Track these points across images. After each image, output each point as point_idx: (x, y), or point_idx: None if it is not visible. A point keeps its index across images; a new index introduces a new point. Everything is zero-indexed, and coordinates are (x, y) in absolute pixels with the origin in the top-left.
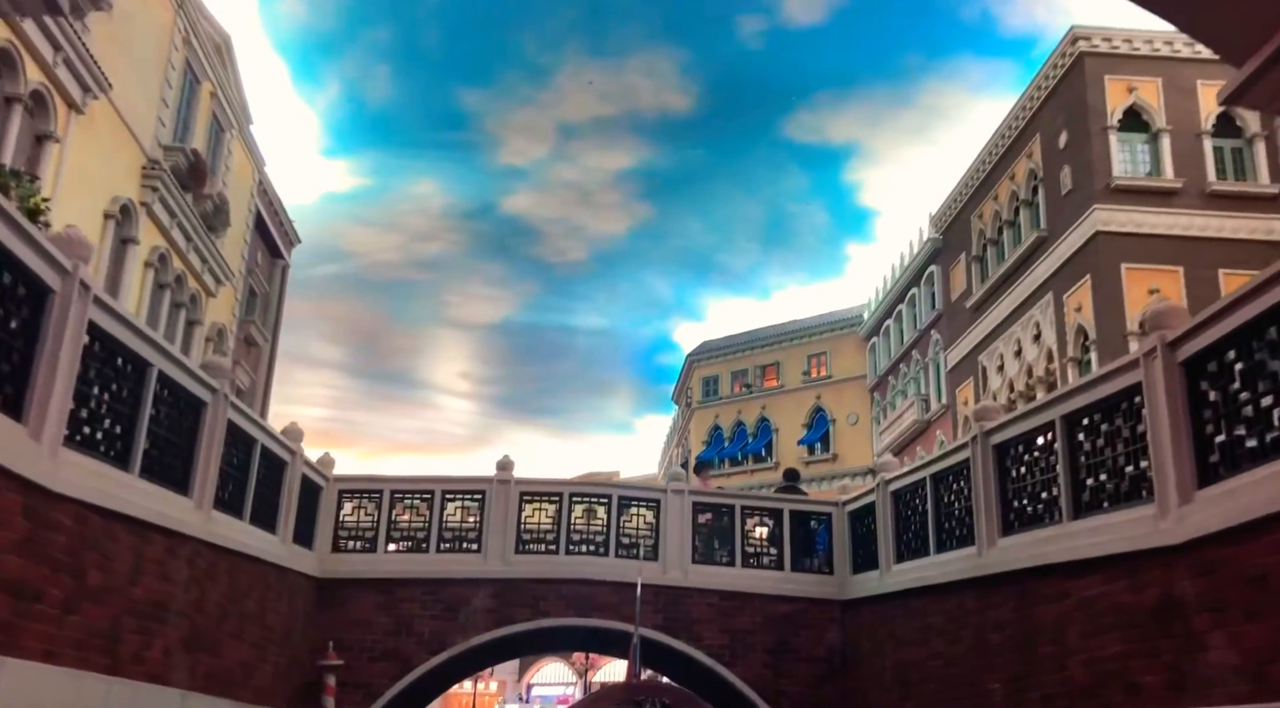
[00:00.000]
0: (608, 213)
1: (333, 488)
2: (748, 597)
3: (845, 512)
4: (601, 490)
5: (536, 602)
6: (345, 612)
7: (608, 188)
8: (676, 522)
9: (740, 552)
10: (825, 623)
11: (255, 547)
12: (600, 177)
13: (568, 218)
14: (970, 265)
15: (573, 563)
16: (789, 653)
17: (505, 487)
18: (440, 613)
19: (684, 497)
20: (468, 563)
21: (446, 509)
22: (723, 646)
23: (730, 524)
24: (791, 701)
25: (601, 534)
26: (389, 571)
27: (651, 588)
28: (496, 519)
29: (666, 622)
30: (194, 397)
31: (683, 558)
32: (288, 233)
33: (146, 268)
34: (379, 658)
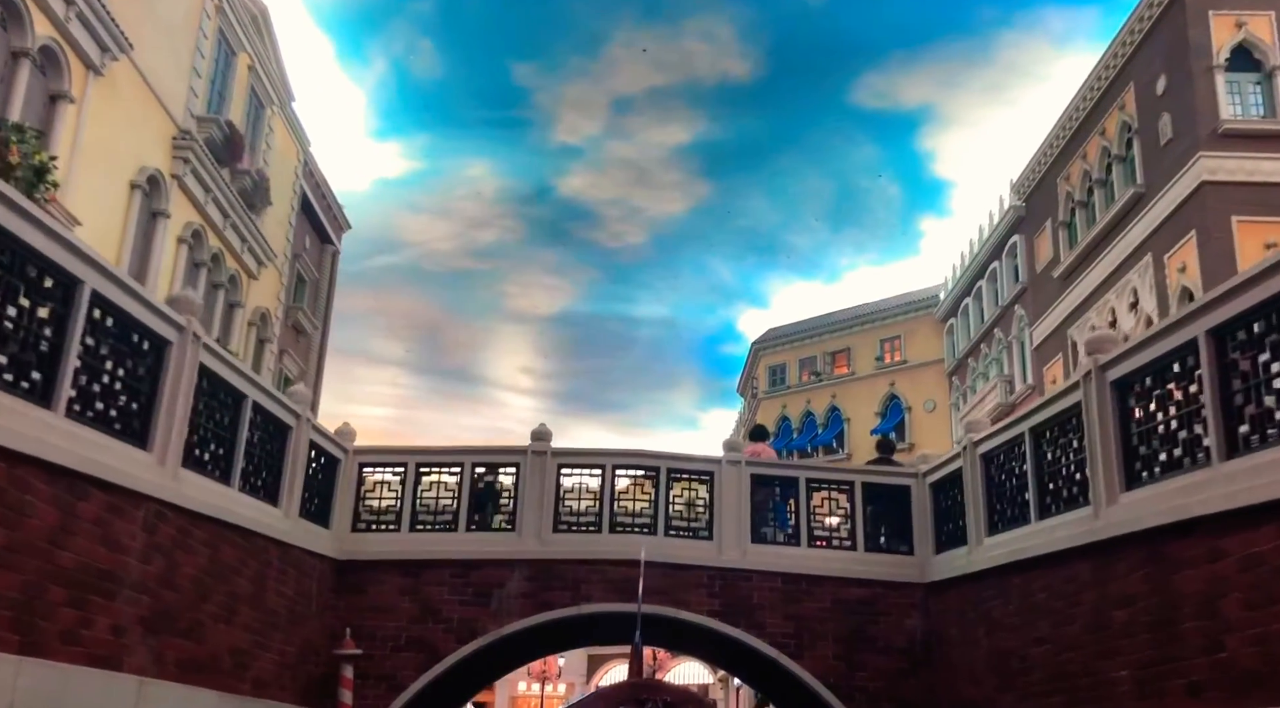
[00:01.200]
0: (666, 192)
1: (352, 461)
2: (816, 580)
3: (926, 483)
4: (648, 462)
5: (577, 586)
6: (367, 597)
7: (665, 165)
8: (733, 496)
9: (806, 530)
10: (905, 609)
11: (248, 518)
12: (657, 153)
13: (625, 199)
14: (1057, 232)
15: (617, 543)
16: (864, 643)
17: (541, 458)
18: (471, 598)
19: (741, 468)
20: (501, 543)
21: (479, 483)
22: (787, 635)
23: (794, 499)
24: (868, 697)
25: (649, 510)
26: (414, 551)
27: (706, 570)
28: (532, 494)
29: (723, 607)
30: (153, 333)
31: (740, 537)
32: (337, 217)
33: (179, 244)
34: (404, 647)
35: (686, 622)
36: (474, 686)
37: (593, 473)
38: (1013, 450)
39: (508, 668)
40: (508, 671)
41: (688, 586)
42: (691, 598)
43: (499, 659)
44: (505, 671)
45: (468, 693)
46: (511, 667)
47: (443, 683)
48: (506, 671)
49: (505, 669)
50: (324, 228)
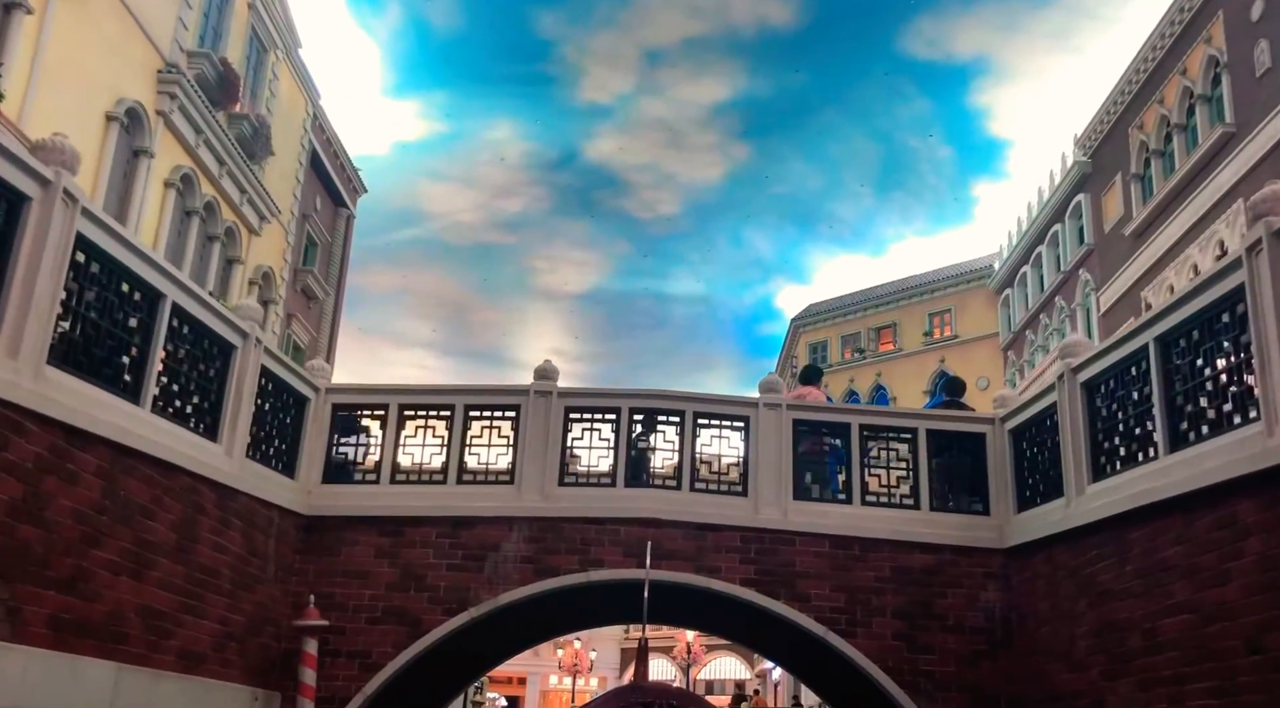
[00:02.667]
0: (701, 156)
1: (324, 402)
2: (871, 544)
3: (1005, 430)
4: (672, 404)
5: (586, 548)
6: (338, 559)
7: (700, 125)
8: (772, 445)
9: (860, 485)
10: (980, 579)
11: (167, 449)
12: (691, 112)
13: (657, 164)
14: (1128, 186)
15: (634, 498)
16: (929, 620)
17: (546, 400)
18: (461, 561)
19: (781, 413)
20: (497, 497)
21: (471, 429)
22: (837, 609)
23: (845, 449)
24: (934, 684)
25: (672, 461)
26: (396, 507)
27: (739, 531)
28: (535, 442)
29: (760, 575)
30: None
31: (780, 493)
32: (351, 180)
33: (167, 188)
34: (381, 619)
35: (716, 593)
36: (466, 671)
37: (606, 418)
38: (1129, 370)
39: (505, 652)
40: (504, 656)
41: (718, 550)
42: (722, 565)
43: (494, 638)
44: (502, 655)
45: (459, 680)
46: (509, 651)
47: (428, 665)
48: (503, 656)
49: (502, 654)
50: (337, 190)
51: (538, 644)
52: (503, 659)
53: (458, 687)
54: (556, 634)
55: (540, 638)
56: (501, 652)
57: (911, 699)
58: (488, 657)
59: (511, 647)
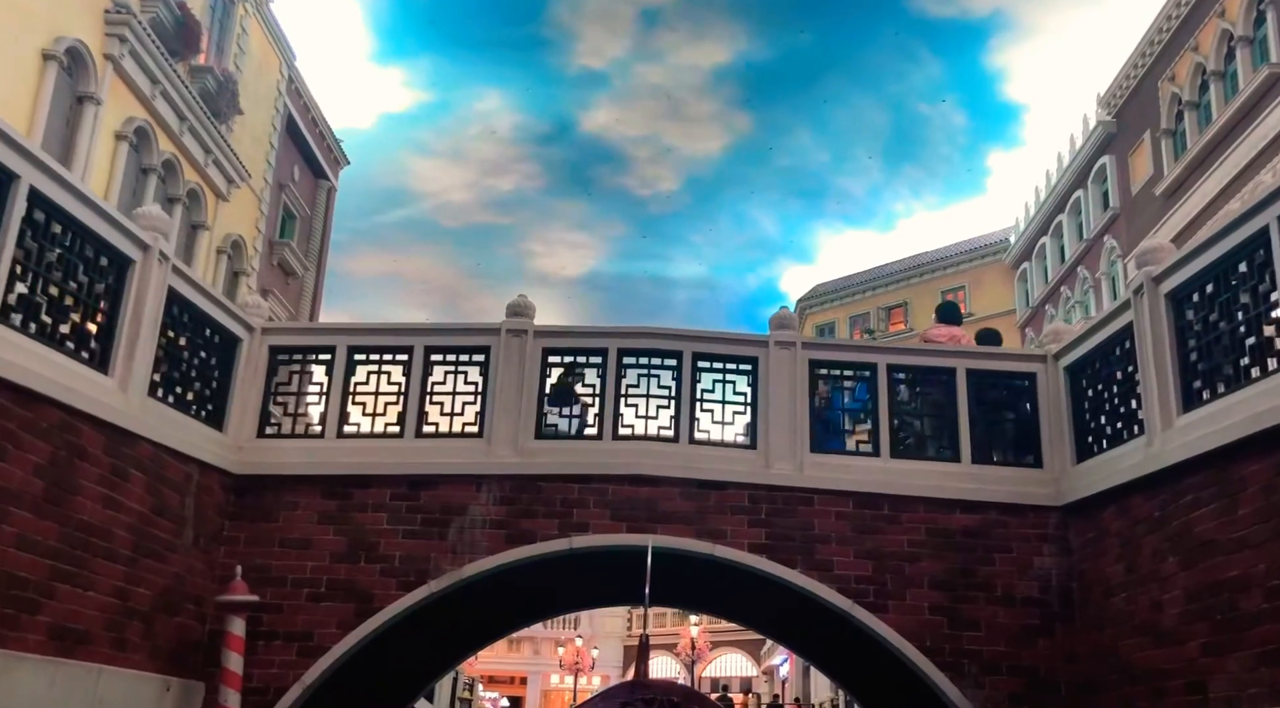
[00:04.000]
0: (701, 128)
1: (260, 344)
2: (903, 502)
3: (1059, 367)
4: (668, 344)
5: (568, 511)
6: (275, 525)
7: (700, 93)
8: (785, 390)
9: (889, 434)
10: (1033, 542)
11: (23, 371)
12: (691, 78)
13: (655, 136)
14: (1159, 143)
15: (624, 452)
16: (974, 590)
17: (520, 340)
18: (419, 527)
19: (795, 353)
20: (463, 453)
21: (433, 375)
22: (864, 579)
23: (872, 394)
24: (982, 666)
25: (668, 409)
26: (344, 464)
27: (748, 489)
28: (507, 389)
29: (772, 540)
30: None
31: (796, 444)
32: (331, 149)
33: (119, 141)
34: (324, 595)
35: (721, 561)
36: (432, 661)
37: (591, 361)
38: (1234, 269)
39: (477, 638)
40: (477, 643)
41: (722, 511)
42: (728, 528)
43: (463, 620)
44: (474, 642)
45: (424, 672)
46: (481, 637)
47: (383, 651)
48: (475, 643)
49: (473, 640)
50: (316, 160)
51: (516, 629)
52: (474, 647)
53: (423, 679)
54: (537, 617)
55: (518, 622)
56: (472, 638)
57: (954, 684)
58: (457, 644)
59: (484, 632)
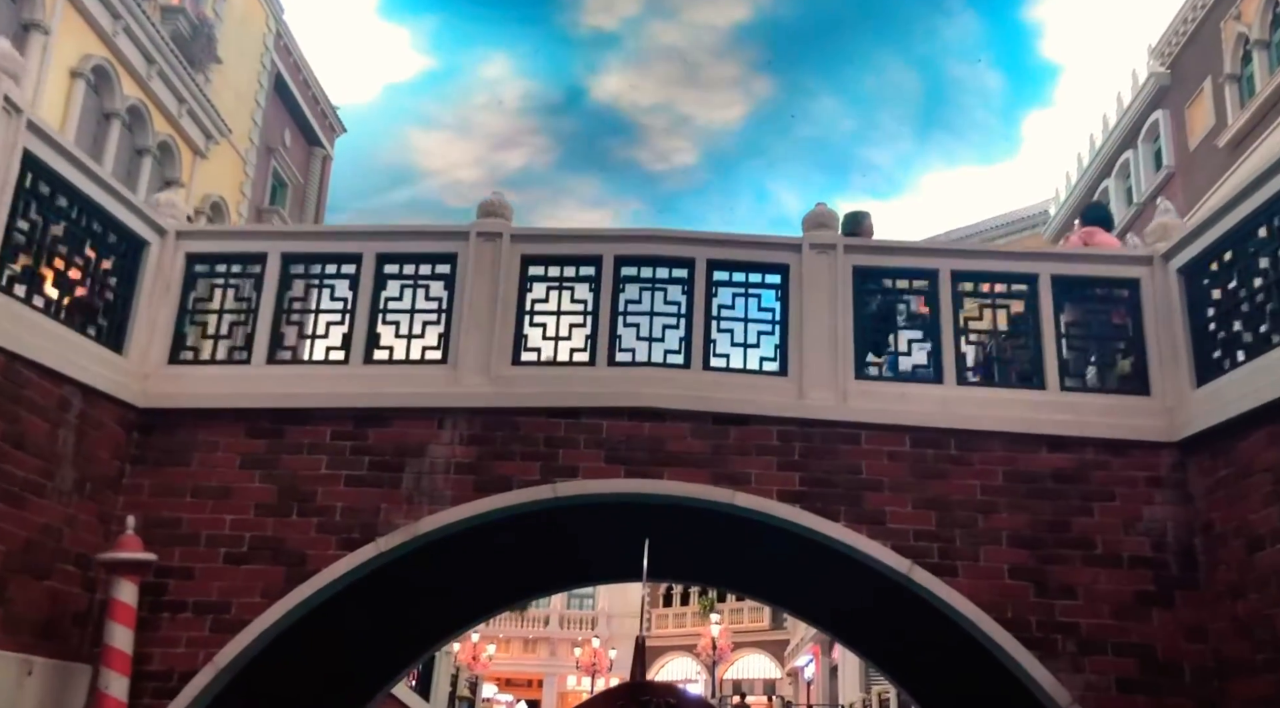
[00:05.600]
0: (719, 94)
1: (174, 250)
2: (974, 440)
3: (1171, 270)
4: (676, 250)
5: (553, 452)
6: (187, 469)
7: (718, 55)
8: (823, 303)
9: (954, 356)
10: (1142, 487)
11: None
12: (708, 38)
13: (671, 104)
14: (1221, 90)
15: (621, 380)
16: (1067, 548)
17: (493, 245)
18: (367, 472)
19: (836, 258)
20: (423, 381)
21: (387, 289)
22: (925, 534)
23: (933, 306)
24: (1081, 643)
25: (677, 330)
26: (275, 395)
27: (777, 424)
28: (478, 304)
29: (807, 487)
30: None
31: (837, 369)
32: (326, 115)
33: (74, 79)
34: (247, 556)
35: (742, 513)
36: (387, 652)
37: (582, 272)
38: None
39: (443, 624)
40: (444, 630)
41: (745, 451)
42: (752, 472)
43: (425, 591)
44: (442, 629)
45: (383, 662)
46: (449, 624)
47: (324, 634)
48: (443, 629)
49: (444, 620)
50: (310, 126)
51: (493, 612)
52: (444, 633)
53: (382, 673)
54: (524, 595)
55: (500, 600)
56: (442, 616)
57: (1044, 667)
58: (421, 627)
59: (455, 609)
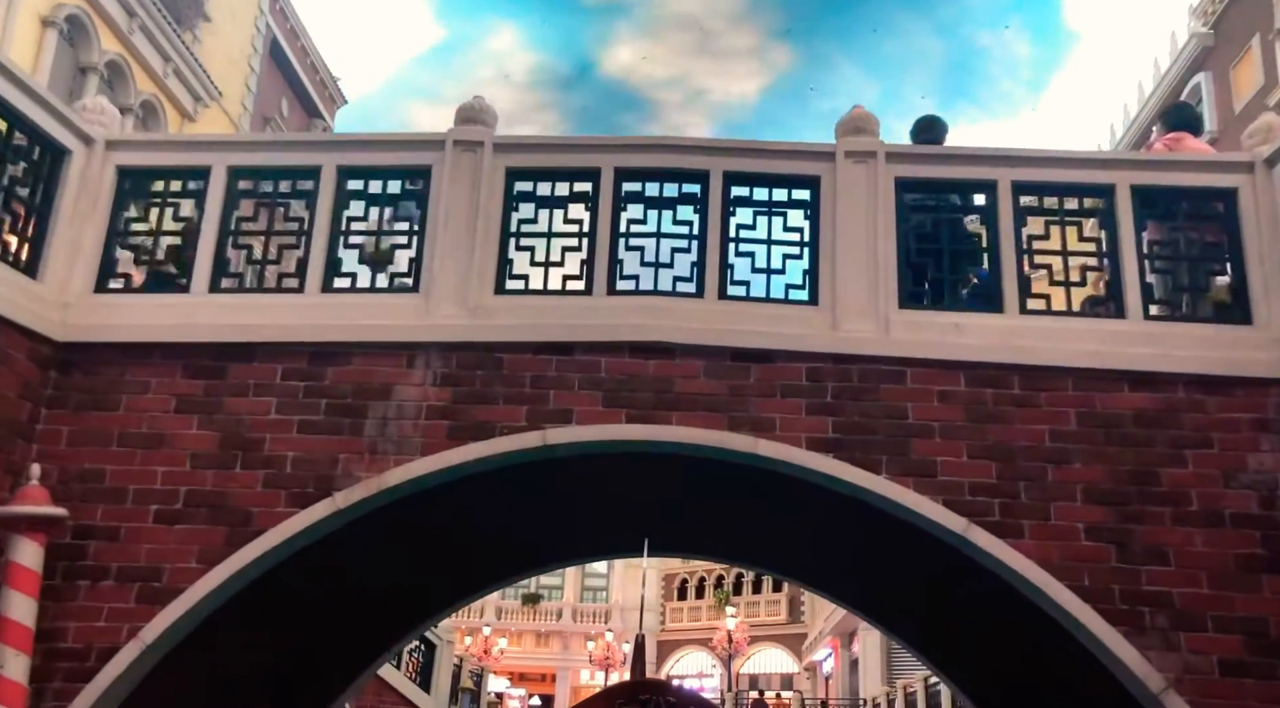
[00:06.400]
0: (736, 64)
1: (102, 162)
2: (1041, 377)
3: (1277, 178)
4: (687, 161)
5: (542, 394)
6: (113, 414)
7: (735, 22)
8: (860, 221)
9: (1017, 281)
10: (1245, 431)
11: None
12: (725, 4)
13: (684, 78)
14: (1270, 46)
15: (622, 310)
16: (1155, 505)
17: (473, 157)
18: (324, 418)
19: (875, 168)
20: (390, 312)
21: (350, 209)
22: (984, 488)
23: (991, 224)
24: (1174, 618)
25: (688, 253)
26: (217, 329)
27: (806, 360)
28: (455, 226)
29: (842, 434)
30: None
31: (877, 297)
32: (326, 85)
33: (45, 27)
34: (181, 514)
35: (765, 464)
36: (354, 634)
37: (576, 189)
38: None
39: (427, 593)
40: (421, 611)
41: (768, 393)
42: (777, 416)
43: (388, 564)
44: (425, 600)
45: (347, 650)
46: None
47: (271, 605)
48: (419, 610)
49: (424, 596)
50: (309, 95)
51: (475, 592)
52: (422, 615)
53: (353, 659)
54: (513, 572)
55: (475, 588)
56: (421, 591)
57: (1131, 644)
58: (391, 602)
59: (431, 587)
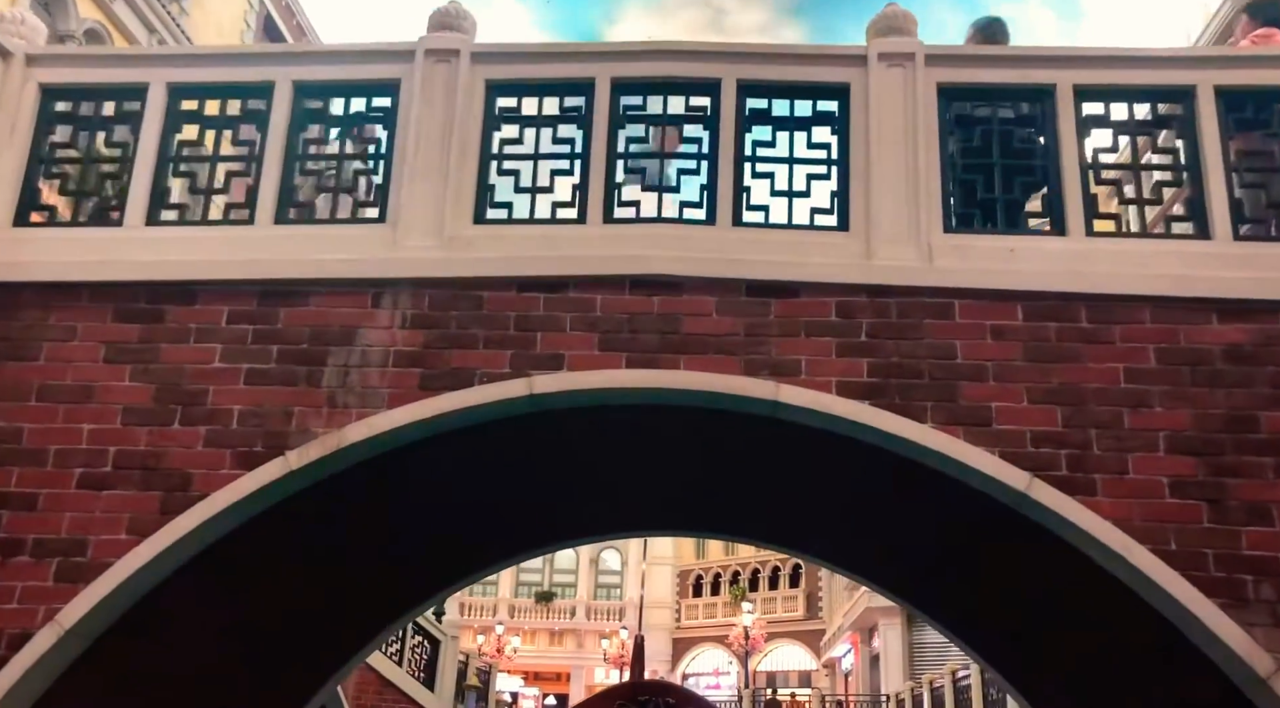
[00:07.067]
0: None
1: (22, 79)
2: (1113, 308)
3: None
4: (695, 70)
5: (528, 336)
6: (33, 365)
7: None
8: (897, 134)
9: (1082, 199)
10: None
11: None
12: None
13: None
14: None
15: (621, 241)
16: (1254, 455)
17: (448, 68)
18: (276, 367)
19: (914, 71)
20: (353, 245)
21: (308, 130)
22: (1049, 437)
23: (1049, 134)
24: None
25: (698, 176)
26: (155, 265)
27: (834, 293)
28: (428, 147)
29: (879, 377)
30: None
31: (919, 220)
32: None
33: None
34: (111, 479)
35: (788, 414)
36: (323, 624)
37: (568, 106)
38: None
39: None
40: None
41: (791, 331)
42: (802, 358)
43: (353, 539)
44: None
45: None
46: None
47: (224, 585)
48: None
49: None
50: None
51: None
52: (418, 599)
53: (333, 652)
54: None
55: (461, 575)
56: (400, 573)
57: (1230, 618)
58: (374, 583)
59: (411, 567)
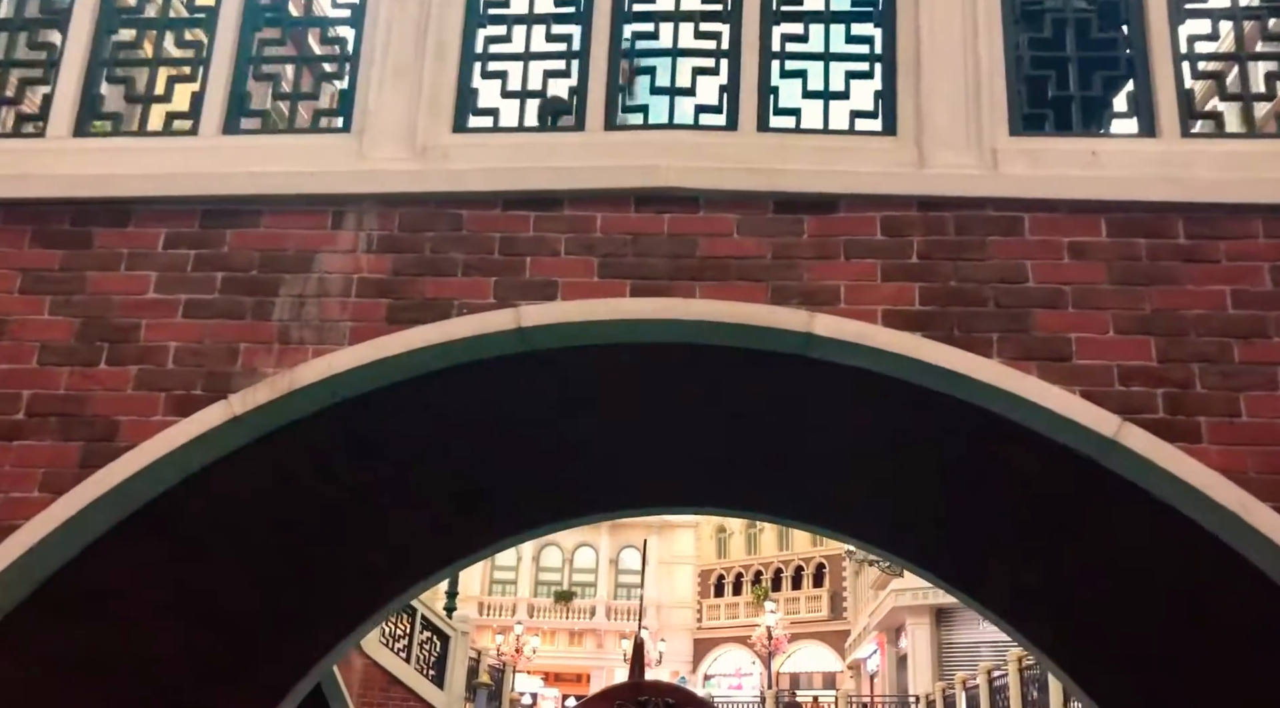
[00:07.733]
0: None
1: None
2: (1215, 219)
3: None
4: None
5: (515, 261)
6: None
7: None
8: (951, 23)
9: (1177, 95)
10: None
11: None
12: None
13: None
14: None
15: (627, 149)
16: None
17: None
18: (220, 298)
19: None
20: (313, 157)
21: (261, 28)
22: (1141, 374)
23: (1136, 23)
24: None
25: (716, 75)
26: (80, 181)
27: (878, 207)
28: (399, 44)
29: (934, 305)
30: None
31: (979, 121)
32: None
33: None
34: (24, 428)
35: (824, 351)
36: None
37: None
38: None
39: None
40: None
41: (828, 253)
42: (842, 283)
43: (326, 506)
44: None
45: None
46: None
47: (161, 551)
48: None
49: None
50: None
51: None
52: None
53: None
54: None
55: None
56: (378, 551)
57: None
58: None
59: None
